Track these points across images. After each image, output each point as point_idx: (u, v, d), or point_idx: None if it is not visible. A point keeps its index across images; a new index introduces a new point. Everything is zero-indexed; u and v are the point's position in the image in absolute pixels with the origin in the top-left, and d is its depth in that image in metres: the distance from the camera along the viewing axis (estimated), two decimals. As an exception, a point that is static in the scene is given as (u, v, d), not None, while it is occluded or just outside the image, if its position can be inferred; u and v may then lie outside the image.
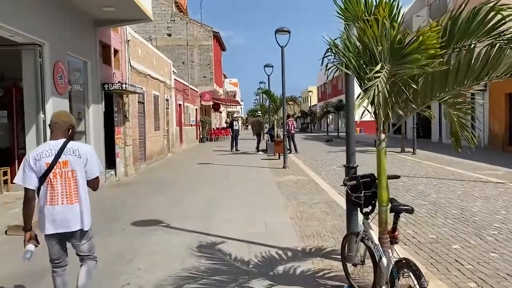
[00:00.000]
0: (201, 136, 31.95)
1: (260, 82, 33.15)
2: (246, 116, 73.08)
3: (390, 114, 3.69)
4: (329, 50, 3.85)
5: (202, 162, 16.55)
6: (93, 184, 3.56)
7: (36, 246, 3.41)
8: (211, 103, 34.17)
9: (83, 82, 10.32)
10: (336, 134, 36.29)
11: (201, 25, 32.08)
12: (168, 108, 20.45)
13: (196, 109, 31.07)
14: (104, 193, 10.09)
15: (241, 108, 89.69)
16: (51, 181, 3.35)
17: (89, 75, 10.41)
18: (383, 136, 3.77)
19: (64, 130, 3.48)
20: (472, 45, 3.43)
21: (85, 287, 3.53)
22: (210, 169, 14.57)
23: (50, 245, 3.48)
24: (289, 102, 21.11)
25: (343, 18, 3.77)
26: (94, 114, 10.62)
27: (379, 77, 3.15)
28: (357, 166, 4.84)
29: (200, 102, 32.44)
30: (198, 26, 32.03)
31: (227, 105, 50.94)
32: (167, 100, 20.22)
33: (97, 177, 3.56)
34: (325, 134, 40.26)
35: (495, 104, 18.79)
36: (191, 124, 28.97)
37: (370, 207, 3.91)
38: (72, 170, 3.40)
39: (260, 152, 20.11)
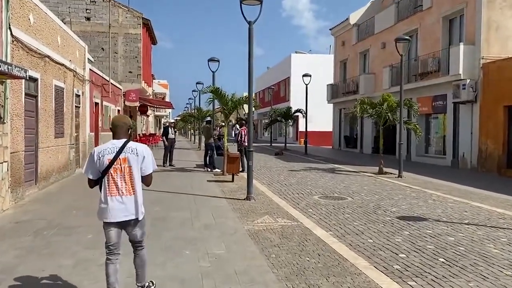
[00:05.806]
0: (124, 144, 26.30)
1: (197, 83, 28.44)
2: (174, 122, 68.39)
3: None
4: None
5: (125, 185, 11.56)
6: (147, 180, 3.93)
7: None
8: (137, 104, 28.69)
9: None
10: (283, 145, 32.29)
11: (128, 10, 26.59)
12: (79, 106, 15.13)
13: (119, 110, 25.54)
14: None
15: (169, 113, 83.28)
16: (111, 175, 3.76)
17: None
18: None
19: (125, 130, 3.92)
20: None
21: (142, 270, 4.05)
22: (137, 200, 9.68)
23: (108, 231, 3.81)
24: (241, 107, 16.69)
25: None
26: None
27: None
28: None
29: (124, 102, 26.90)
30: (124, 10, 26.52)
31: (155, 107, 45.22)
32: (78, 96, 14.91)
33: (150, 174, 3.92)
34: (269, 144, 36.02)
35: (488, 118, 15.79)
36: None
37: None
38: (130, 166, 3.79)
39: (215, 170, 15.38)
